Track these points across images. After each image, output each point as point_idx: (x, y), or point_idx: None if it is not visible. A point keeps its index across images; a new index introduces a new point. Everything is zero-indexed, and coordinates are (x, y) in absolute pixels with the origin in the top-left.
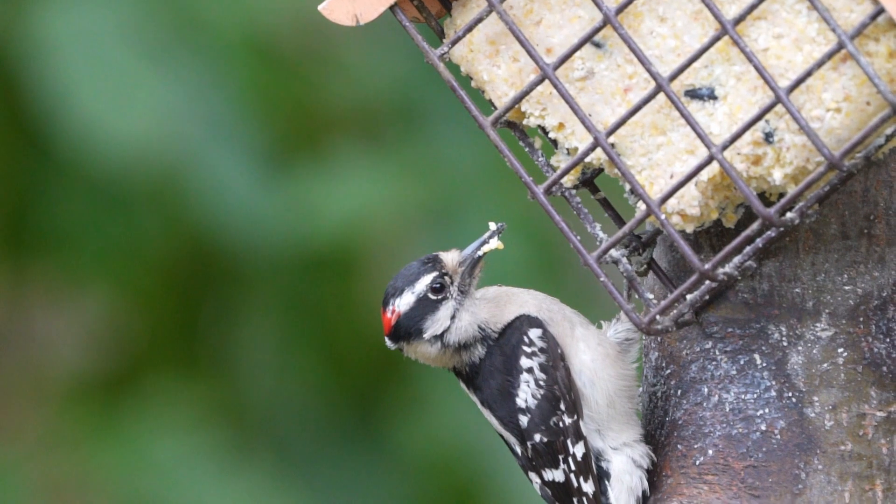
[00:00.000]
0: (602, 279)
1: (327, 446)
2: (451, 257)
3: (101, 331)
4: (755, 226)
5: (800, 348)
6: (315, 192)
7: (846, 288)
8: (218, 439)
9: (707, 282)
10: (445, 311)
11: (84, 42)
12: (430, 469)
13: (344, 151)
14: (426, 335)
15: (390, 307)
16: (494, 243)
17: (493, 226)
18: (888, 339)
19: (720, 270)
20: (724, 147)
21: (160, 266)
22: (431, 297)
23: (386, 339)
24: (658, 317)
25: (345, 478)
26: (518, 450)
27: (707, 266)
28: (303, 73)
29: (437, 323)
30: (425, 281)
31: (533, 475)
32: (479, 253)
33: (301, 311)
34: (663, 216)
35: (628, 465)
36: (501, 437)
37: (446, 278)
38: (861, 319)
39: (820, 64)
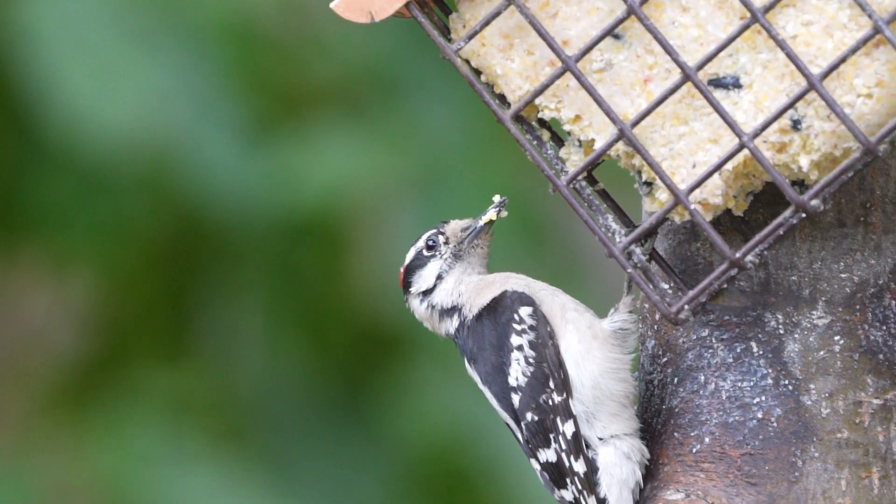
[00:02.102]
0: (629, 270)
1: (317, 429)
2: (456, 222)
3: (87, 313)
4: (787, 213)
5: (796, 336)
6: (299, 166)
7: (842, 276)
8: (205, 423)
9: (730, 270)
10: (431, 268)
11: (69, 25)
12: (421, 452)
13: (326, 125)
14: (412, 289)
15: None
16: (492, 214)
17: (497, 198)
18: (884, 327)
19: (748, 258)
20: (755, 135)
21: (146, 247)
22: (424, 253)
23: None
24: (686, 306)
25: (335, 461)
26: (519, 435)
27: (738, 255)
28: (284, 49)
29: (422, 279)
30: (423, 237)
31: (533, 462)
32: (480, 223)
33: (287, 288)
34: (693, 206)
35: (617, 457)
36: (508, 426)
37: (440, 237)
38: (857, 307)
39: (854, 49)
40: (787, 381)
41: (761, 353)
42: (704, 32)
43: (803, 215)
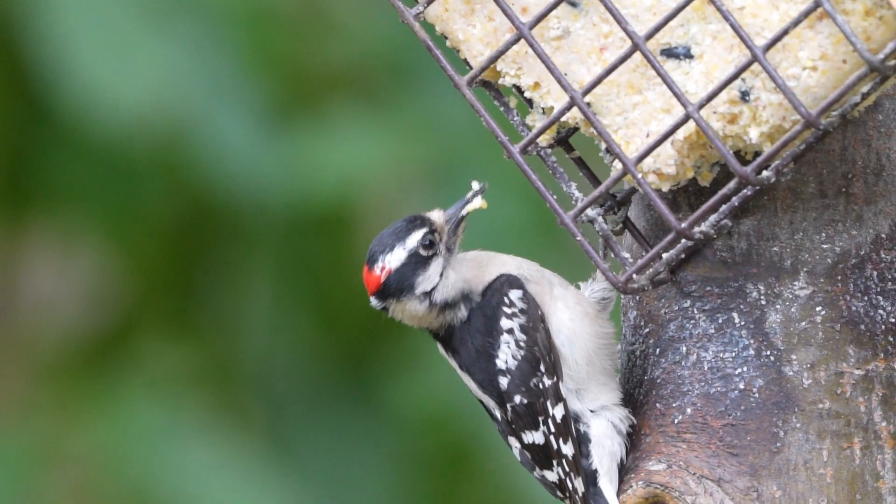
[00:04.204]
0: (578, 238)
1: (321, 406)
2: (437, 215)
3: (94, 289)
4: (732, 184)
5: (778, 307)
6: (313, 152)
7: (824, 246)
8: (210, 399)
9: (683, 240)
10: (435, 267)
11: (84, 4)
12: (424, 426)
13: (342, 110)
14: (417, 291)
15: (379, 264)
16: (478, 202)
17: (475, 185)
18: (866, 298)
19: (697, 229)
20: (701, 106)
21: (156, 226)
22: (422, 253)
23: (372, 298)
24: (634, 275)
25: (339, 437)
26: (497, 414)
27: (684, 225)
28: (301, 32)
29: (427, 279)
30: (416, 237)
31: (512, 440)
32: (464, 212)
33: (295, 270)
34: (640, 175)
35: (609, 429)
36: (480, 402)
37: (436, 235)
38: (839, 278)
39: (796, 22)
40: (768, 352)
41: (743, 323)
42: (658, 2)
43: (758, 187)
